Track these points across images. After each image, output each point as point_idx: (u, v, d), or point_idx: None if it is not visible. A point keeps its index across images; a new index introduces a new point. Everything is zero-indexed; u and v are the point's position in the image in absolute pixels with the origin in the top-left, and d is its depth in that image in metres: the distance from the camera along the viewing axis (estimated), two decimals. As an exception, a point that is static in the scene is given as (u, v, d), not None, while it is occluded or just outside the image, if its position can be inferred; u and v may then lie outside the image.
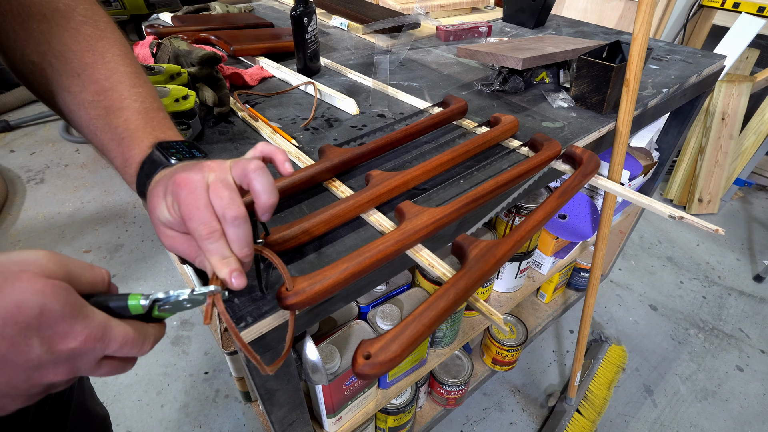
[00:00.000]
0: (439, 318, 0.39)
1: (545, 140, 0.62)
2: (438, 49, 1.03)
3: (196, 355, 1.35)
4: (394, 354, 0.36)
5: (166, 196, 0.34)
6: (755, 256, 1.73)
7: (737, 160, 1.87)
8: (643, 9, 0.63)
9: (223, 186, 0.32)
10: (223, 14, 1.12)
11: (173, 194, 0.33)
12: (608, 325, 1.46)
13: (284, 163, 0.38)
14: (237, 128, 0.68)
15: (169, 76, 0.66)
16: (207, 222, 0.31)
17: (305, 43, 0.81)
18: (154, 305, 0.29)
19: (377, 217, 0.50)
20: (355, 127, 0.69)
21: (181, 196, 0.32)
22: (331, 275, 0.40)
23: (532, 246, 0.95)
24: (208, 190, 0.32)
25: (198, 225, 0.31)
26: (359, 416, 0.78)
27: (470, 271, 0.43)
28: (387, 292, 0.76)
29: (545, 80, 0.85)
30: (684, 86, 0.87)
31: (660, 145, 1.14)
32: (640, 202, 0.59)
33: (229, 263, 0.32)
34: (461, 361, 1.09)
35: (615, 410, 1.21)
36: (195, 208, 0.31)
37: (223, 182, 0.33)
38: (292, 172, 0.38)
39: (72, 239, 1.74)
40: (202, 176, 0.33)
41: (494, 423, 1.19)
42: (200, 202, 0.32)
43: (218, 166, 0.34)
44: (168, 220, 0.33)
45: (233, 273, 0.32)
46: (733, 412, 1.21)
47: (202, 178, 0.33)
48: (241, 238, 0.32)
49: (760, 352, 1.37)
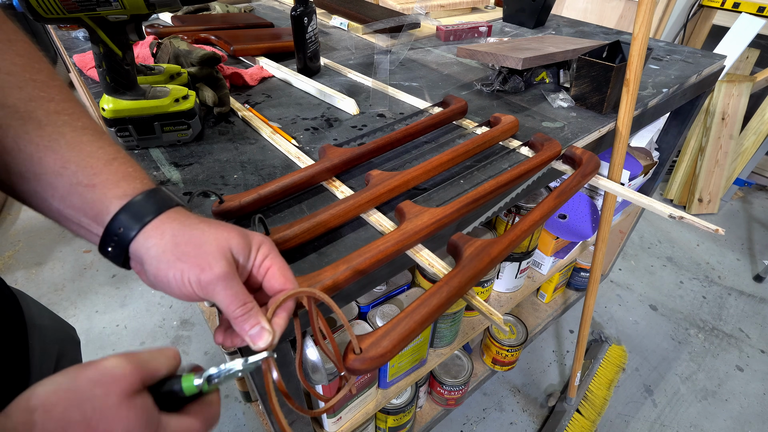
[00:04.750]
0: (431, 315, 0.39)
1: (545, 140, 0.62)
2: (438, 49, 1.03)
3: (196, 355, 1.35)
4: (385, 350, 0.36)
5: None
6: (755, 256, 1.73)
7: (737, 160, 1.87)
8: (643, 9, 0.63)
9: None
10: (223, 14, 1.12)
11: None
12: (608, 325, 1.46)
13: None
14: (237, 128, 0.68)
15: (169, 76, 0.67)
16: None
17: (305, 43, 0.81)
18: (207, 382, 0.29)
19: (377, 217, 0.50)
20: (355, 127, 0.69)
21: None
22: (331, 275, 0.40)
23: (532, 246, 0.95)
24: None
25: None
26: (359, 416, 0.78)
27: (464, 270, 0.43)
28: (387, 292, 0.76)
29: (545, 80, 0.85)
30: (684, 86, 0.87)
31: (660, 145, 1.14)
32: (640, 202, 0.59)
33: (262, 333, 0.31)
34: (461, 361, 1.09)
35: (615, 410, 1.21)
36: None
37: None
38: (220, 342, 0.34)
39: (72, 239, 1.74)
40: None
41: (494, 423, 1.19)
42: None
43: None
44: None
45: (265, 335, 0.30)
46: (733, 412, 1.21)
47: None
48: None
49: (760, 352, 1.37)
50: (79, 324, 1.43)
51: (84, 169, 0.30)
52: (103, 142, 0.32)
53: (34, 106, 0.30)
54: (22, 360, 0.42)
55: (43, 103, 0.30)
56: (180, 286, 0.30)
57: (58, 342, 0.50)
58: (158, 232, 0.30)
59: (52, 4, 0.44)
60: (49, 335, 0.48)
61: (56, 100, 0.31)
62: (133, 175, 0.32)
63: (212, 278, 0.29)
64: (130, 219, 0.30)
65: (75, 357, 0.55)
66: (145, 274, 0.32)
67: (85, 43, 0.97)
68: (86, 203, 0.30)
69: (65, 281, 1.58)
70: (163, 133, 0.61)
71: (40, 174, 0.30)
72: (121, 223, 0.30)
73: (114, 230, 0.30)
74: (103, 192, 0.30)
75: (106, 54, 0.52)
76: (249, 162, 0.60)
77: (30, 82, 0.30)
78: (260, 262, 0.33)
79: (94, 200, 0.30)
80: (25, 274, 1.61)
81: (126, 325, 1.43)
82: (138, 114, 0.58)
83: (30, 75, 0.30)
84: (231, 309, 0.30)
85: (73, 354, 0.54)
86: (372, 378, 0.76)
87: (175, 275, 0.29)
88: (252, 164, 0.59)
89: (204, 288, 0.29)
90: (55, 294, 1.54)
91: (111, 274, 1.60)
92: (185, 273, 0.29)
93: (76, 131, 0.31)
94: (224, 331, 0.34)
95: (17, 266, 1.64)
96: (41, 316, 0.49)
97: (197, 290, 0.30)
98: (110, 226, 0.30)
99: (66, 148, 0.30)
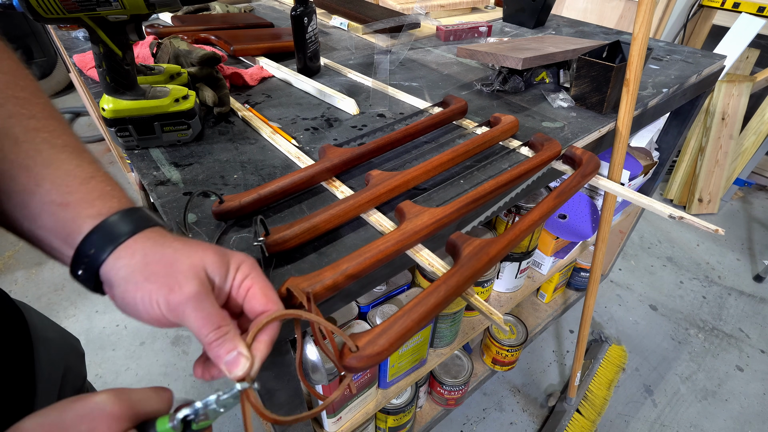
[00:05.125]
0: (428, 314, 0.39)
1: (545, 140, 0.62)
2: (438, 49, 1.03)
3: (195, 355, 1.35)
4: (381, 348, 0.36)
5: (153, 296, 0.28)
6: (755, 256, 1.73)
7: (737, 160, 1.87)
8: (643, 9, 0.63)
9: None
10: (223, 14, 1.12)
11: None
12: (608, 325, 1.46)
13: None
14: (237, 128, 0.68)
15: (169, 76, 0.67)
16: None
17: (305, 43, 0.81)
18: (186, 422, 0.26)
19: (377, 217, 0.50)
20: (355, 127, 0.69)
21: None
22: (331, 275, 0.40)
23: (532, 246, 0.95)
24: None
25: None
26: (359, 416, 0.78)
27: (462, 269, 0.43)
28: (387, 292, 0.76)
29: (545, 80, 0.85)
30: (684, 86, 0.87)
31: (660, 145, 1.14)
32: (640, 202, 0.59)
33: (238, 360, 0.28)
34: (461, 361, 1.09)
35: (615, 410, 1.21)
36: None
37: None
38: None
39: (72, 239, 1.74)
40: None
41: (494, 423, 1.19)
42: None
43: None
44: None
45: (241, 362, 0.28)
46: (733, 412, 1.21)
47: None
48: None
49: (760, 352, 1.37)
50: (79, 324, 1.44)
51: (58, 188, 0.29)
52: (82, 160, 0.31)
53: (13, 123, 0.29)
54: (28, 376, 0.41)
55: (22, 120, 0.29)
56: (148, 309, 0.27)
57: (63, 355, 0.49)
58: (129, 252, 0.28)
59: (52, 4, 0.44)
60: (54, 349, 0.47)
61: (37, 117, 0.30)
62: (110, 194, 0.30)
63: (181, 299, 0.27)
64: (102, 239, 0.28)
65: (80, 370, 0.53)
66: (114, 298, 0.29)
67: (85, 43, 0.97)
68: (58, 223, 0.29)
69: (65, 281, 1.58)
70: (163, 133, 0.61)
71: (12, 192, 0.28)
72: (92, 244, 0.28)
73: (85, 251, 0.28)
74: (76, 211, 0.29)
75: (106, 54, 0.52)
76: (249, 162, 0.60)
77: (11, 99, 0.29)
78: (240, 282, 0.30)
79: (66, 220, 0.29)
80: (25, 274, 1.62)
81: (126, 325, 1.43)
82: (138, 114, 0.58)
83: (12, 92, 0.30)
84: (203, 333, 0.27)
85: (78, 367, 0.53)
86: (372, 378, 0.76)
87: (143, 297, 0.27)
88: (252, 164, 0.59)
89: (173, 310, 0.27)
90: (55, 294, 1.54)
91: (111, 274, 1.61)
92: (153, 294, 0.27)
93: (54, 149, 0.30)
94: (203, 363, 0.31)
95: (17, 266, 1.65)
96: (45, 328, 0.47)
97: (166, 313, 0.27)
98: (81, 247, 0.28)
99: (42, 166, 0.29)
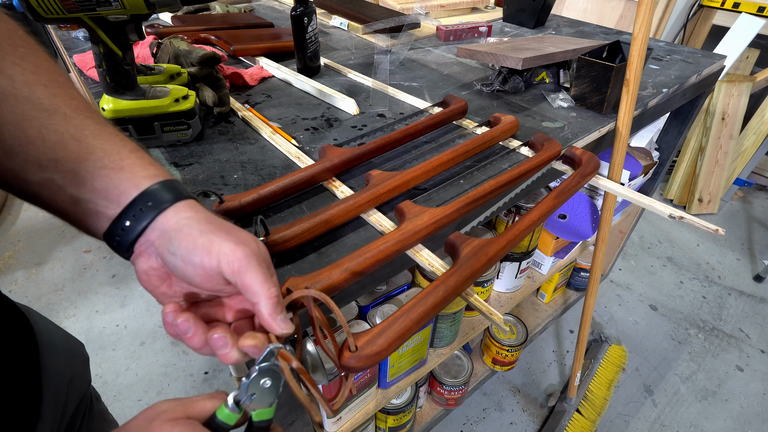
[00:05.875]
0: (427, 314, 0.39)
1: (545, 140, 0.62)
2: (438, 49, 1.03)
3: (195, 355, 1.35)
4: (380, 348, 0.36)
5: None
6: (755, 256, 1.73)
7: (737, 160, 1.87)
8: (643, 9, 0.63)
9: None
10: (223, 14, 1.12)
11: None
12: (608, 325, 1.46)
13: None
14: (237, 128, 0.68)
15: (169, 76, 0.67)
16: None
17: (305, 43, 0.81)
18: (240, 405, 0.27)
19: (377, 217, 0.50)
20: (355, 127, 0.69)
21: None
22: (331, 275, 0.40)
23: (532, 246, 0.95)
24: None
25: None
26: (359, 416, 0.78)
27: (461, 269, 0.43)
28: (387, 292, 0.76)
29: (545, 80, 0.85)
30: (684, 86, 0.87)
31: (660, 145, 1.14)
32: (640, 202, 0.59)
33: (287, 320, 0.30)
34: (461, 361, 1.09)
35: (615, 410, 1.21)
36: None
37: None
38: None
39: (72, 239, 1.74)
40: None
41: (494, 423, 1.19)
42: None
43: None
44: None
45: (280, 317, 0.30)
46: (733, 412, 1.21)
47: None
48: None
49: (760, 352, 1.37)
50: (79, 324, 1.44)
51: (110, 155, 0.31)
52: (124, 136, 0.33)
53: (59, 102, 0.31)
54: (34, 383, 0.41)
55: (66, 99, 0.31)
56: (204, 258, 0.28)
57: (69, 361, 0.49)
58: (192, 209, 0.31)
59: (52, 4, 0.44)
60: (60, 355, 0.47)
61: (78, 99, 0.32)
62: (157, 166, 0.33)
63: (249, 252, 0.29)
64: (165, 192, 0.31)
65: (85, 376, 0.53)
66: (154, 253, 0.31)
67: (85, 43, 0.97)
68: (111, 184, 0.30)
69: (65, 281, 1.58)
70: (163, 133, 0.61)
71: (61, 160, 0.29)
72: (151, 196, 0.30)
73: (141, 204, 0.30)
74: (132, 172, 0.31)
75: (106, 54, 0.52)
76: (249, 162, 0.60)
77: (53, 82, 0.31)
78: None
79: (122, 180, 0.30)
80: (25, 274, 1.62)
81: (126, 325, 1.43)
82: (138, 114, 0.58)
83: (53, 76, 0.32)
84: (265, 287, 0.29)
85: (84, 373, 0.53)
86: (372, 378, 0.76)
87: (204, 244, 0.28)
88: (252, 164, 0.59)
89: (237, 261, 0.28)
90: (55, 294, 1.54)
91: (111, 274, 1.61)
92: (216, 244, 0.29)
93: (99, 124, 0.32)
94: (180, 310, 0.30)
95: (17, 266, 1.65)
96: (51, 334, 0.47)
97: (225, 265, 0.28)
98: (137, 200, 0.30)
99: (91, 137, 0.31)
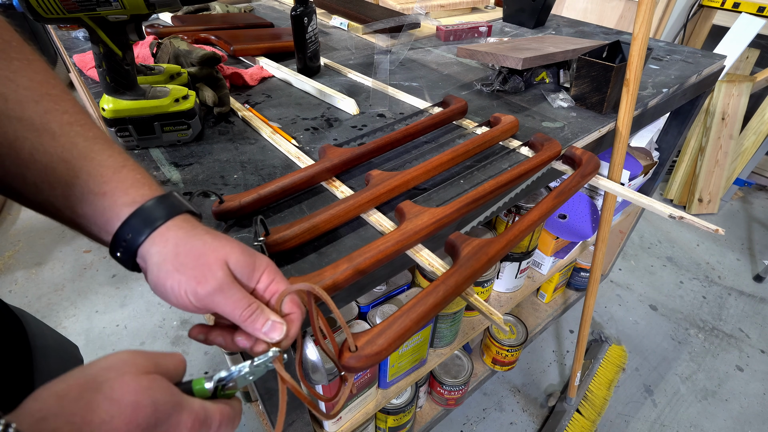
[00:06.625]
0: (427, 314, 0.39)
1: (545, 140, 0.62)
2: (438, 49, 1.03)
3: (195, 355, 1.35)
4: (380, 348, 0.36)
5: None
6: (755, 256, 1.73)
7: (737, 160, 1.87)
8: (643, 9, 0.63)
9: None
10: (223, 14, 1.12)
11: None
12: (608, 325, 1.46)
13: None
14: (237, 128, 0.68)
15: (169, 76, 0.67)
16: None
17: (305, 43, 0.81)
18: (219, 386, 0.29)
19: (377, 217, 0.50)
20: (355, 127, 0.69)
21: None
22: (331, 275, 0.40)
23: (532, 246, 0.95)
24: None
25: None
26: (359, 416, 0.78)
27: (461, 269, 0.43)
28: (387, 292, 0.76)
29: (545, 80, 0.85)
30: (684, 86, 0.87)
31: (660, 145, 1.14)
32: (640, 202, 0.59)
33: (275, 327, 0.31)
34: (461, 361, 1.09)
35: (615, 410, 1.21)
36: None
37: None
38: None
39: (72, 239, 1.74)
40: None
41: (494, 423, 1.19)
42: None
43: None
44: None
45: (277, 328, 0.31)
46: (733, 412, 1.21)
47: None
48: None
49: (760, 352, 1.37)
50: (79, 324, 1.44)
51: (95, 178, 0.31)
52: (113, 150, 0.33)
53: (49, 119, 0.31)
54: (27, 386, 0.41)
55: (57, 115, 0.31)
56: (177, 297, 0.30)
57: (62, 363, 0.49)
58: (162, 239, 0.31)
59: (52, 4, 0.44)
60: (53, 358, 0.47)
61: (70, 112, 0.32)
62: (141, 182, 0.33)
63: (209, 291, 0.29)
64: (139, 224, 0.31)
65: None
66: (147, 280, 0.32)
67: (85, 43, 0.97)
68: (96, 211, 0.31)
69: (65, 281, 1.58)
70: (163, 133, 0.61)
71: (55, 183, 0.30)
72: (130, 229, 0.31)
73: (123, 236, 0.31)
74: (113, 200, 0.31)
75: (106, 54, 0.52)
76: (249, 162, 0.60)
77: (46, 96, 0.31)
78: (266, 285, 0.33)
79: (105, 208, 0.31)
80: (25, 274, 1.62)
81: (126, 325, 1.43)
82: (138, 114, 0.58)
83: (46, 90, 0.32)
84: (236, 314, 0.30)
85: None
86: (372, 378, 0.76)
87: (173, 286, 0.30)
88: (252, 164, 0.59)
89: (202, 301, 0.30)
90: (55, 294, 1.54)
91: (111, 274, 1.60)
92: (182, 285, 0.29)
93: (88, 141, 0.32)
94: (223, 332, 0.33)
95: (17, 266, 1.64)
96: (44, 336, 0.48)
97: (195, 303, 0.30)
98: (119, 232, 0.31)
99: (78, 158, 0.31)
